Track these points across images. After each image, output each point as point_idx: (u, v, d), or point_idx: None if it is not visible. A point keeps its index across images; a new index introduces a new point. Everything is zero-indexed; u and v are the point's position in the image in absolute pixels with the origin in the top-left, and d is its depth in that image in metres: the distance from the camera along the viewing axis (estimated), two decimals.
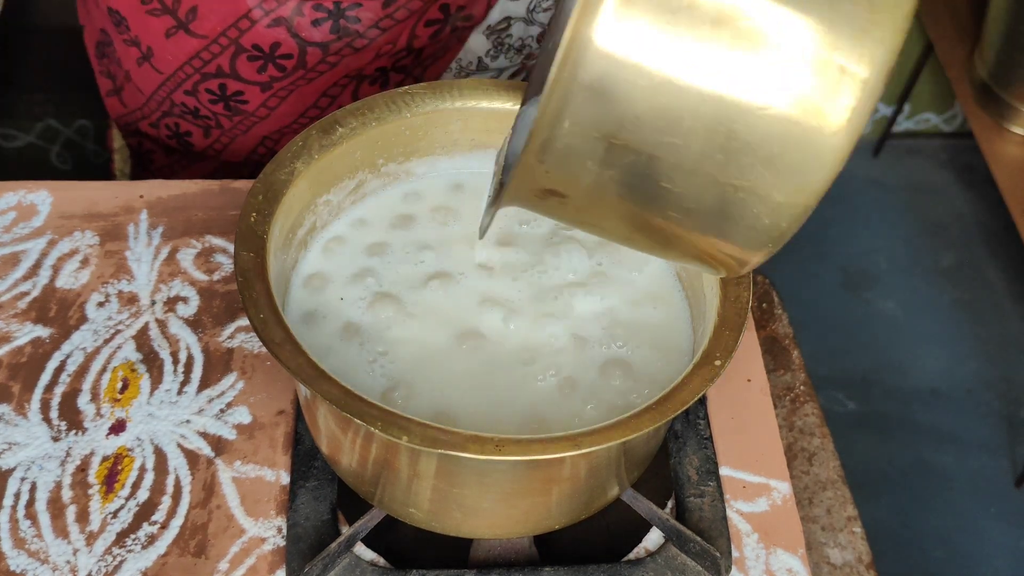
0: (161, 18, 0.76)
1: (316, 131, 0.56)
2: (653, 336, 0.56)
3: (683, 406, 0.46)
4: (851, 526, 0.65)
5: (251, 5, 0.74)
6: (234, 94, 0.80)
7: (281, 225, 0.53)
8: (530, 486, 0.51)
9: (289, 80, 0.79)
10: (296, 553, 0.57)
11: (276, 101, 0.80)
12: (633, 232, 0.45)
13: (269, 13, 0.74)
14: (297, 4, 0.74)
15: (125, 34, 0.80)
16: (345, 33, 0.76)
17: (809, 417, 0.70)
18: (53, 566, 0.57)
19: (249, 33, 0.75)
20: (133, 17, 0.78)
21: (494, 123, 0.60)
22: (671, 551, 0.58)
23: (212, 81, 0.79)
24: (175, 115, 0.84)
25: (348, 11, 0.74)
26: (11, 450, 0.61)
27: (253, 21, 0.74)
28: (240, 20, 0.75)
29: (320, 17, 0.74)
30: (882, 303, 1.73)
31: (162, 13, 0.76)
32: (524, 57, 0.81)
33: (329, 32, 0.75)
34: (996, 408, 1.59)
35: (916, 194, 1.91)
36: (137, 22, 0.78)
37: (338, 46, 0.76)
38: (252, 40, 0.76)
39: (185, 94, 0.81)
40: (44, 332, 0.67)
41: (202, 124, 0.84)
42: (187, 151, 0.88)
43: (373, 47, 0.77)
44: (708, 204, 0.41)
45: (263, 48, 0.76)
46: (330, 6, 0.74)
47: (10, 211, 0.73)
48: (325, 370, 0.46)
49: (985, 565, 1.42)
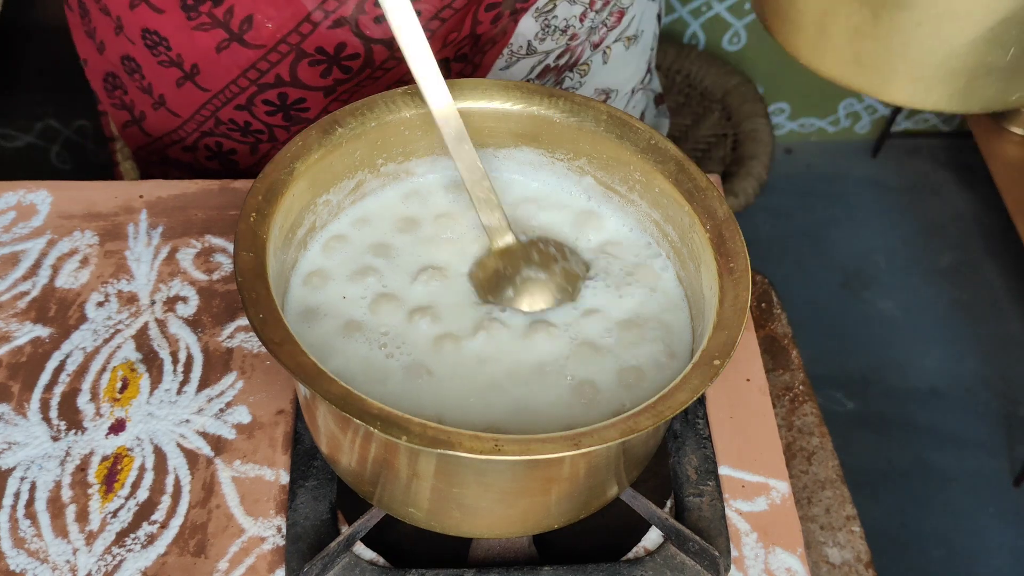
0: (211, 32, 0.74)
1: (316, 131, 0.56)
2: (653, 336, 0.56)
3: (682, 406, 0.46)
4: (850, 525, 0.65)
5: (310, 8, 0.72)
6: (295, 102, 0.78)
7: (281, 225, 0.53)
8: (529, 486, 0.51)
9: (354, 82, 0.77)
10: (295, 552, 0.57)
11: (338, 105, 0.77)
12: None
13: (330, 14, 0.72)
14: (358, 2, 0.72)
15: (162, 55, 0.77)
16: None
17: (808, 417, 0.70)
18: (53, 566, 0.57)
19: (312, 37, 0.73)
20: (177, 36, 0.75)
21: (494, 123, 0.60)
22: (670, 550, 0.58)
23: (270, 91, 0.77)
24: (218, 134, 0.82)
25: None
26: (11, 450, 0.61)
27: (315, 24, 0.72)
28: (301, 25, 0.72)
29: (383, 13, 0.73)
30: (881, 303, 1.74)
31: (212, 27, 0.73)
32: (568, 38, 0.81)
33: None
34: (995, 407, 1.60)
35: (915, 194, 1.91)
36: (181, 40, 0.75)
37: None
38: (315, 44, 0.73)
39: (236, 109, 0.79)
40: (44, 332, 0.67)
41: (251, 140, 0.82)
42: (225, 171, 0.86)
43: (437, 37, 0.75)
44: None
45: (327, 51, 0.74)
46: None
47: (10, 211, 0.73)
48: (325, 370, 0.46)
49: (984, 564, 1.43)
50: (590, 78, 0.86)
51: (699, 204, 0.55)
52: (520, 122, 0.60)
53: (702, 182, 0.56)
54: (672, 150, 0.57)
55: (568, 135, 0.59)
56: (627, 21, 0.85)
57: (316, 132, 0.56)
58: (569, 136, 0.59)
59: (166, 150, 0.87)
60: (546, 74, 0.83)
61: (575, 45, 0.81)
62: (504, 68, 0.80)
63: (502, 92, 0.59)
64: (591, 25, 0.81)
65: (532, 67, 0.81)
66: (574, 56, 0.83)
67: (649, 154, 0.57)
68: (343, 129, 0.56)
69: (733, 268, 0.52)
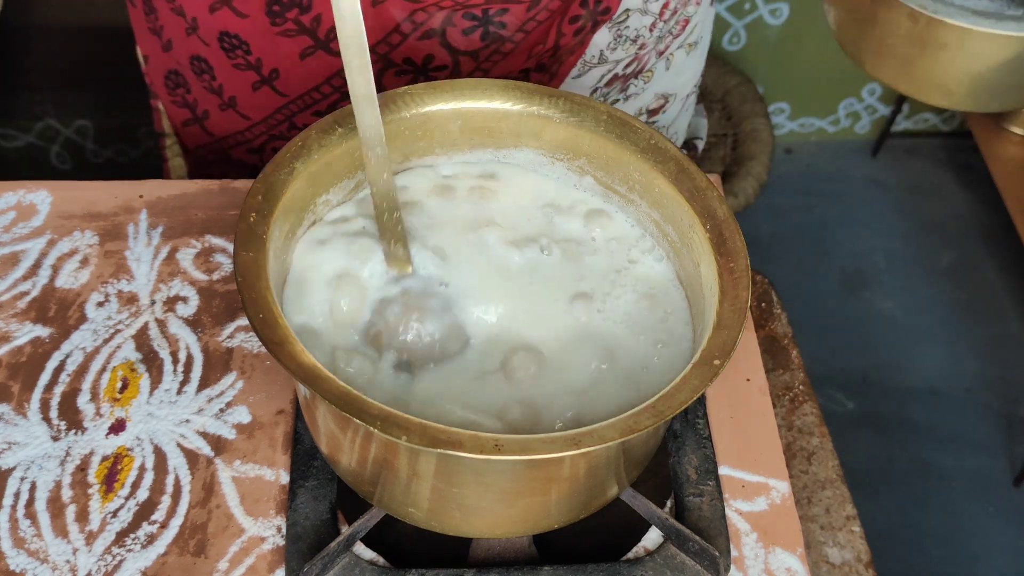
0: (296, 39, 0.73)
1: (316, 131, 0.56)
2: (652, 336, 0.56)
3: (682, 406, 0.46)
4: (850, 525, 0.65)
5: (399, 19, 0.71)
6: None
7: (281, 225, 0.53)
8: (529, 485, 0.51)
9: None
10: (295, 552, 0.57)
11: None
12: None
13: (420, 26, 0.72)
14: (447, 14, 0.72)
15: (239, 59, 0.77)
16: (493, 39, 0.74)
17: (808, 416, 0.70)
18: (53, 566, 0.57)
19: (400, 48, 0.73)
20: (258, 40, 0.75)
21: (494, 123, 0.60)
22: (670, 550, 0.58)
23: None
24: (289, 137, 0.81)
25: (495, 17, 0.73)
26: (11, 450, 0.61)
27: (404, 35, 0.72)
28: (390, 35, 0.72)
29: (471, 25, 0.72)
30: (881, 302, 1.74)
31: (298, 34, 0.73)
32: (638, 47, 0.81)
33: (479, 40, 0.74)
34: (995, 407, 1.60)
35: (915, 194, 1.91)
36: (263, 45, 0.75)
37: (487, 53, 0.75)
38: (403, 55, 0.73)
39: (313, 115, 0.79)
40: (44, 332, 0.67)
41: None
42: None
43: (522, 50, 0.75)
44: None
45: (415, 62, 0.74)
46: (479, 13, 0.72)
47: (10, 211, 0.73)
48: (324, 370, 0.46)
49: (984, 564, 1.43)
50: (652, 84, 0.87)
51: (699, 204, 0.55)
52: (520, 122, 0.60)
53: (702, 182, 0.56)
54: (672, 150, 0.57)
55: (568, 135, 0.59)
56: (690, 28, 0.86)
57: (316, 132, 0.56)
58: (569, 136, 0.59)
59: (229, 151, 0.87)
60: (614, 82, 0.84)
61: (643, 54, 0.82)
62: (576, 77, 0.81)
63: (502, 92, 0.59)
64: (659, 35, 0.82)
65: (602, 75, 0.82)
66: (640, 64, 0.84)
67: (649, 154, 0.57)
68: (343, 129, 0.56)
69: (733, 268, 0.52)
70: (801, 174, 1.92)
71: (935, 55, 0.57)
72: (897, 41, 0.60)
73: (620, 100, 0.87)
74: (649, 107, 0.89)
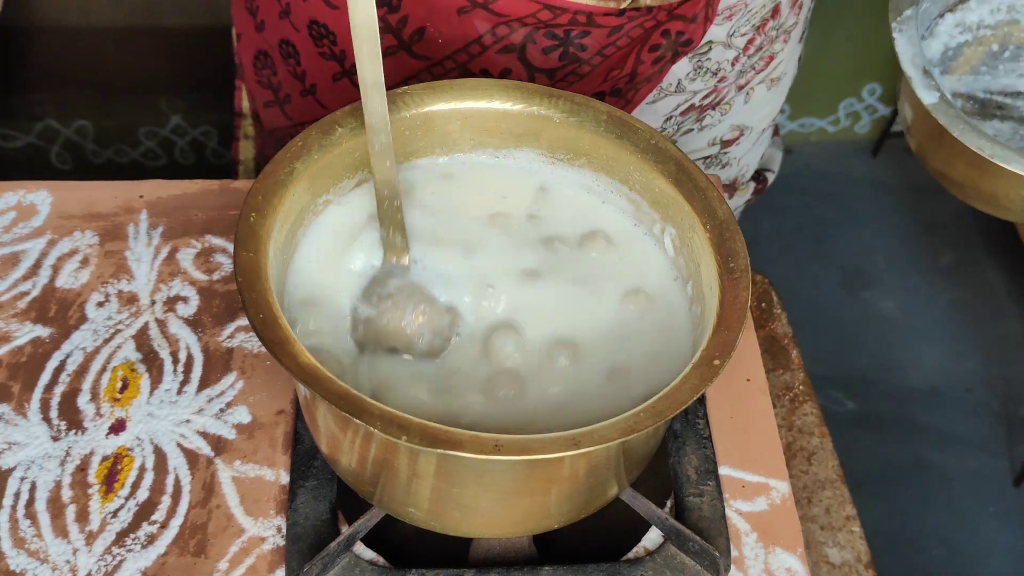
0: (381, 37, 0.74)
1: (316, 131, 0.56)
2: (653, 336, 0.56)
3: (682, 406, 0.46)
4: (850, 525, 0.65)
5: (482, 31, 0.72)
6: None
7: (281, 225, 0.53)
8: (529, 485, 0.51)
9: None
10: (295, 552, 0.57)
11: None
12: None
13: (501, 40, 0.72)
14: (530, 31, 0.72)
15: (325, 48, 0.77)
16: (571, 60, 0.74)
17: (808, 416, 0.70)
18: (53, 566, 0.57)
19: (479, 59, 0.73)
20: (346, 33, 0.75)
21: (494, 123, 0.60)
22: (670, 550, 0.58)
23: None
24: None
25: (576, 39, 0.73)
26: (11, 450, 0.61)
27: (484, 47, 0.73)
28: (470, 45, 0.73)
29: (551, 44, 0.73)
30: (881, 302, 1.74)
31: (383, 32, 0.73)
32: (717, 80, 0.81)
33: (558, 59, 0.74)
34: (995, 407, 1.60)
35: (915, 194, 1.91)
36: (349, 38, 0.75)
37: (563, 73, 0.75)
38: (480, 65, 0.74)
39: None
40: (44, 332, 0.67)
41: None
42: None
43: (598, 73, 0.76)
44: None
45: (491, 74, 0.75)
46: (561, 34, 0.72)
47: (10, 211, 0.73)
48: (324, 370, 0.46)
49: (984, 564, 1.43)
50: (729, 116, 0.87)
51: (699, 204, 0.55)
52: (520, 122, 0.60)
53: (702, 182, 0.56)
54: (672, 150, 0.57)
55: (568, 135, 0.59)
56: (774, 65, 0.86)
57: (316, 132, 0.56)
58: (569, 136, 0.59)
59: None
60: (689, 111, 0.84)
61: (722, 87, 0.82)
62: (651, 103, 0.81)
63: (502, 92, 0.59)
64: (741, 69, 0.82)
65: (677, 104, 0.82)
66: (719, 96, 0.84)
67: (649, 154, 0.57)
68: (343, 129, 0.56)
69: (733, 268, 0.52)
70: (801, 174, 1.92)
71: (993, 179, 0.66)
72: (960, 164, 0.68)
73: (695, 130, 0.86)
74: (724, 138, 0.89)
